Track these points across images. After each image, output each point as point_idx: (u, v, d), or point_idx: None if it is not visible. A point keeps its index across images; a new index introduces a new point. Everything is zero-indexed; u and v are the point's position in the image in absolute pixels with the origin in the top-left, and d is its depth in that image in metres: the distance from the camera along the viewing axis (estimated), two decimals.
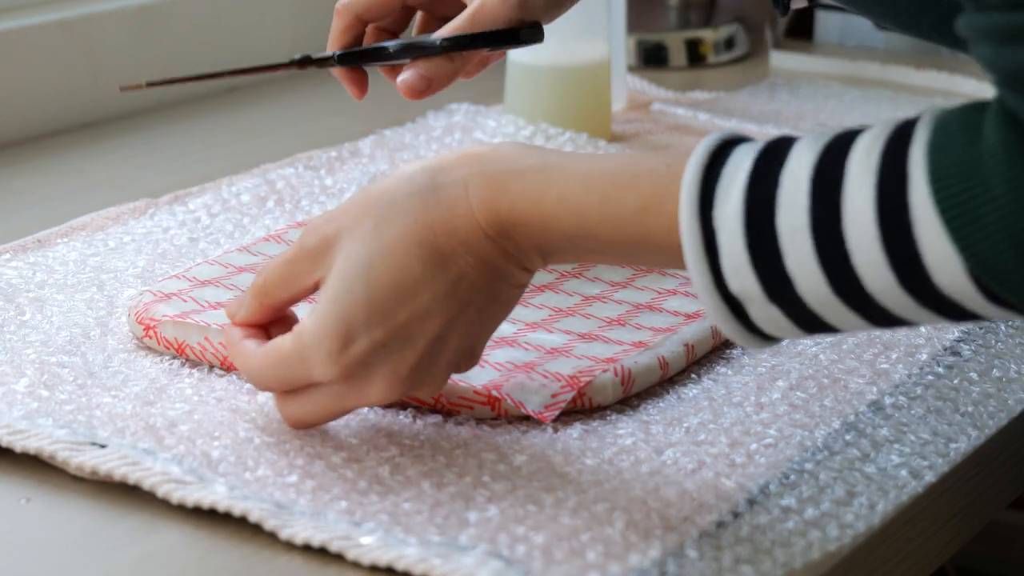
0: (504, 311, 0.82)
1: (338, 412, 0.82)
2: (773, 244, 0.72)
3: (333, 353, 0.79)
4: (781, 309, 0.73)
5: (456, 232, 0.79)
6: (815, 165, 0.72)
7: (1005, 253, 0.68)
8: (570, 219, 0.77)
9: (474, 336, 0.81)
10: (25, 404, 0.85)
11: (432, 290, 0.79)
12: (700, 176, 0.74)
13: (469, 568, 0.71)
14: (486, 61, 1.01)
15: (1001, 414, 0.87)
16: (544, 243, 0.78)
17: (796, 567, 0.73)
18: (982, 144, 0.69)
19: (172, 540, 0.76)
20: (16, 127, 1.35)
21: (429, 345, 0.79)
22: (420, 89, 0.96)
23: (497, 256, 0.79)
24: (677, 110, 1.42)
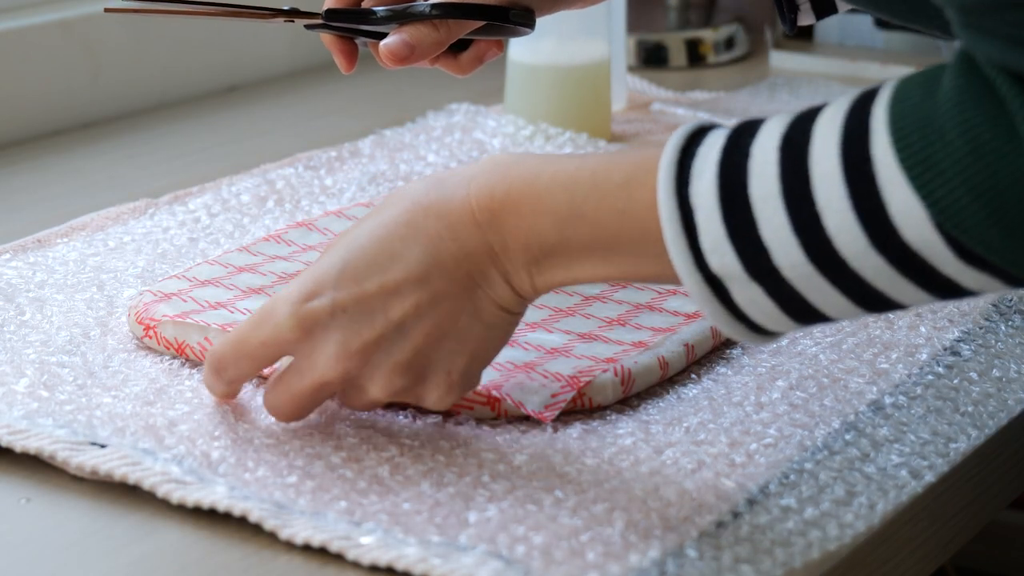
0: (484, 335, 0.80)
1: (296, 384, 0.80)
2: (747, 214, 0.72)
3: (295, 303, 0.79)
4: (762, 286, 0.73)
5: (446, 216, 0.78)
6: (783, 134, 0.73)
7: (964, 199, 0.68)
8: (561, 196, 0.77)
9: (447, 350, 0.79)
10: (25, 404, 0.85)
11: (405, 269, 0.78)
12: (676, 156, 0.75)
13: (469, 568, 0.71)
14: (481, 57, 1.01)
15: (1001, 414, 0.87)
16: (532, 236, 0.77)
17: (796, 567, 0.73)
18: (939, 93, 0.69)
19: (172, 540, 0.76)
20: (16, 127, 1.35)
21: (388, 328, 0.78)
22: (402, 55, 0.95)
23: (480, 252, 0.78)
24: (677, 110, 1.42)
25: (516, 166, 0.79)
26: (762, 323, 0.75)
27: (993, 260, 0.70)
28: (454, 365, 0.80)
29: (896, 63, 1.56)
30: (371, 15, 0.96)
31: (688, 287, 0.74)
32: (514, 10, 0.97)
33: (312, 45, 1.59)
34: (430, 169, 1.26)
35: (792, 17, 1.00)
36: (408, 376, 0.80)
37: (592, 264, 0.78)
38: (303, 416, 0.83)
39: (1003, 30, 0.68)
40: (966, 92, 0.69)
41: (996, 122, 0.68)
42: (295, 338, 0.79)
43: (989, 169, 0.68)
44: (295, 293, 0.79)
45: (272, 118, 1.45)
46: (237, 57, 1.53)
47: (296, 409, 0.82)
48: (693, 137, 0.76)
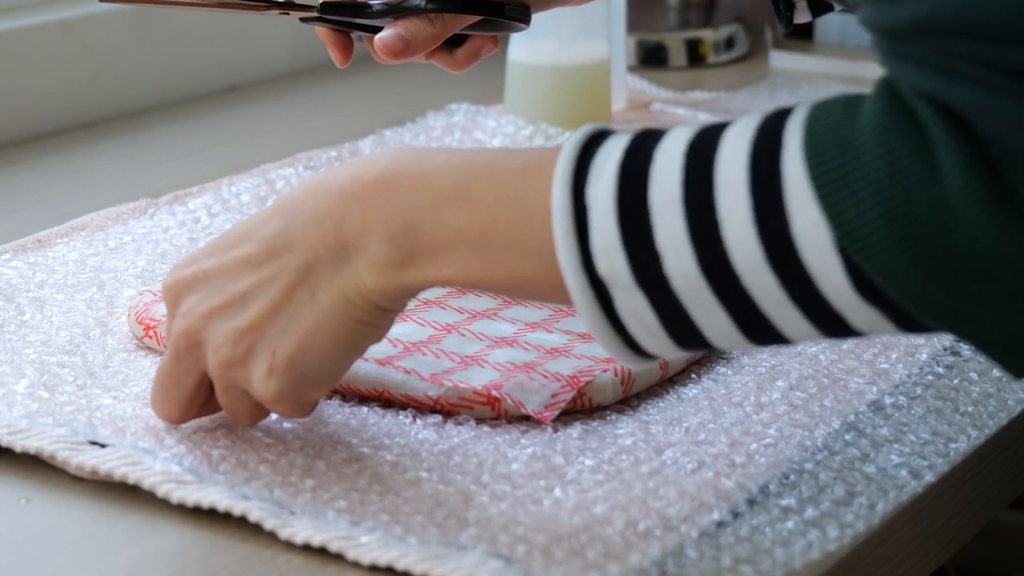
0: (318, 320, 0.76)
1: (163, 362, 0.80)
2: (644, 218, 0.71)
3: (174, 268, 0.80)
4: (647, 296, 0.71)
5: (318, 186, 0.76)
6: (691, 140, 0.71)
7: (875, 222, 0.67)
8: (451, 174, 0.74)
9: (278, 327, 0.76)
10: (25, 404, 0.85)
11: (260, 238, 0.77)
12: (576, 154, 0.72)
13: (469, 568, 0.71)
14: (477, 53, 1.00)
15: (1001, 414, 0.87)
16: (400, 211, 0.74)
17: (796, 567, 0.73)
18: (860, 115, 0.68)
19: (172, 540, 0.76)
20: (16, 127, 1.35)
21: (234, 297, 0.77)
22: (397, 49, 0.95)
23: (332, 224, 0.75)
24: (677, 110, 1.42)
25: (410, 149, 0.77)
26: (641, 339, 0.73)
27: (892, 291, 0.68)
28: (279, 345, 0.76)
29: None
30: (366, 8, 0.96)
31: (571, 289, 0.72)
32: (509, 5, 0.97)
33: (312, 45, 1.59)
34: None
35: (788, 15, 1.00)
36: (237, 348, 0.77)
37: (459, 256, 0.74)
38: (174, 407, 0.81)
39: (929, 58, 0.67)
40: (888, 116, 0.67)
41: (916, 148, 0.67)
42: (171, 299, 0.80)
43: (905, 195, 0.66)
44: (181, 261, 0.80)
45: (272, 118, 1.45)
46: (237, 57, 1.53)
47: (162, 391, 0.81)
48: (596, 137, 0.73)
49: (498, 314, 0.95)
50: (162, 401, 0.81)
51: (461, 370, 0.87)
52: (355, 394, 0.87)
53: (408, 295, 0.76)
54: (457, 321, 0.93)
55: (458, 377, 0.86)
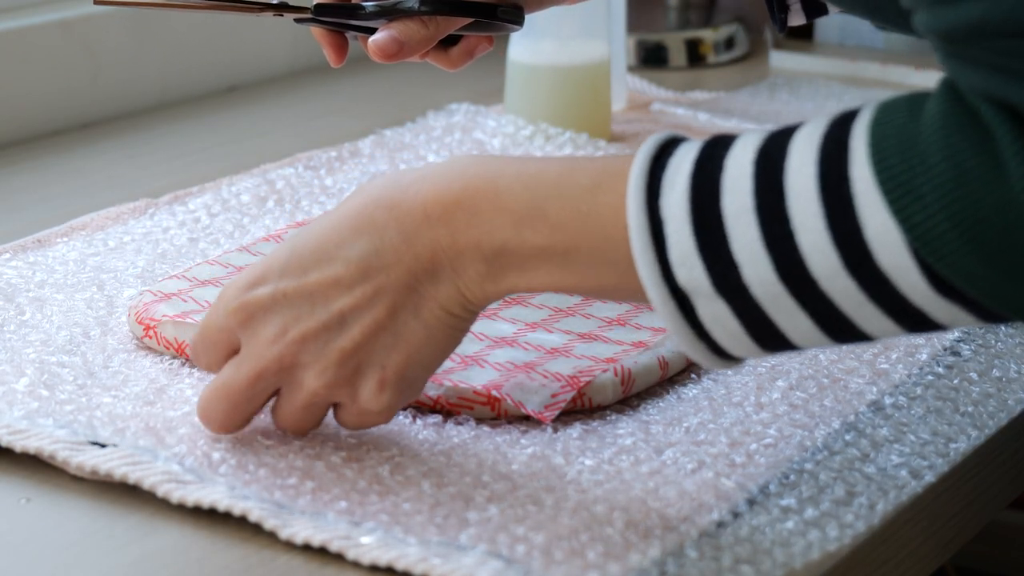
0: (424, 335, 0.78)
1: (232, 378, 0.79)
2: (719, 229, 0.71)
3: (240, 288, 0.79)
4: (728, 303, 0.72)
5: (396, 206, 0.77)
6: (759, 148, 0.72)
7: (943, 225, 0.67)
8: (523, 194, 0.75)
9: (383, 344, 0.78)
10: (25, 404, 0.85)
11: (347, 259, 0.77)
12: (647, 166, 0.73)
13: (469, 568, 0.71)
14: (471, 52, 1.00)
15: (1001, 414, 0.87)
16: (486, 234, 0.76)
17: (796, 567, 0.73)
18: (923, 117, 0.69)
19: (172, 540, 0.76)
20: (16, 127, 1.35)
21: (329, 319, 0.77)
22: (391, 52, 0.95)
23: (425, 248, 0.76)
24: (677, 110, 1.42)
25: (476, 164, 0.77)
26: (725, 345, 0.73)
27: (967, 290, 0.68)
28: (389, 361, 0.78)
29: (896, 63, 1.56)
30: (359, 10, 0.96)
31: (653, 300, 0.73)
32: (502, 7, 0.97)
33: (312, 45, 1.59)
34: None
35: (783, 17, 1.00)
36: (344, 368, 0.78)
37: (548, 270, 0.76)
38: (236, 421, 0.81)
39: (987, 59, 0.67)
40: (951, 118, 0.68)
41: (981, 150, 0.67)
42: (238, 322, 0.79)
43: (971, 197, 0.67)
44: (242, 281, 0.79)
45: (272, 118, 1.45)
46: (237, 57, 1.53)
47: (230, 407, 0.80)
48: (664, 147, 0.74)
49: (498, 314, 0.95)
50: (228, 415, 0.80)
51: (461, 370, 0.87)
52: None
53: (503, 296, 0.78)
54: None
55: (458, 377, 0.86)
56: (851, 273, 0.70)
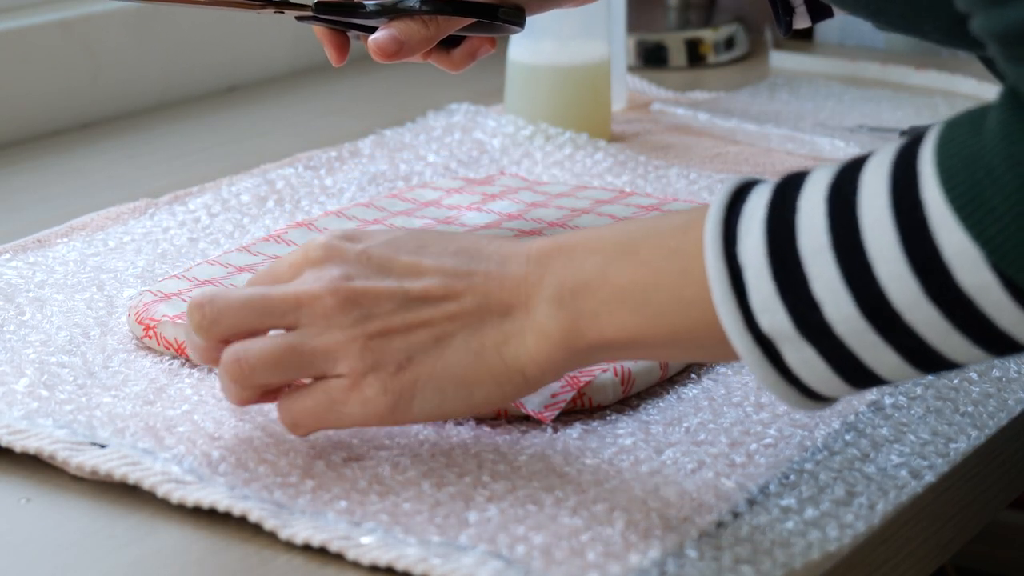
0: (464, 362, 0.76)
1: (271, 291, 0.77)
2: (797, 270, 0.71)
3: (333, 236, 0.79)
4: (813, 345, 0.71)
5: (505, 247, 0.78)
6: (830, 183, 0.71)
7: (1017, 235, 0.66)
8: (621, 236, 0.75)
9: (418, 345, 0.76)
10: (25, 404, 0.85)
11: (442, 262, 0.77)
12: (722, 215, 0.73)
13: (469, 568, 0.71)
14: (474, 53, 1.00)
15: (1001, 414, 0.87)
16: (570, 272, 0.75)
17: (796, 567, 0.73)
18: (985, 130, 0.68)
19: (172, 540, 0.76)
20: (16, 127, 1.35)
21: (392, 293, 0.77)
22: (391, 51, 0.94)
23: (514, 281, 0.76)
24: (677, 110, 1.42)
25: (590, 227, 0.78)
26: (816, 387, 0.73)
27: None
28: (414, 360, 0.76)
29: (896, 63, 1.56)
30: (361, 8, 0.96)
31: (739, 349, 0.72)
32: (504, 8, 0.97)
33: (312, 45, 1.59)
34: (430, 169, 1.26)
35: (788, 19, 1.00)
36: (374, 341, 0.76)
37: (622, 315, 0.74)
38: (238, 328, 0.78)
39: None
40: (1012, 125, 0.67)
41: None
42: (316, 258, 0.78)
43: None
44: (341, 232, 0.79)
45: (272, 118, 1.45)
46: (237, 57, 1.53)
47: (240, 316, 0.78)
48: (738, 194, 0.73)
49: None
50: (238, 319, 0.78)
51: None
52: None
53: (561, 369, 0.77)
54: None
55: None
56: (933, 300, 0.69)
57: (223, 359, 0.79)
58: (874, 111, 1.43)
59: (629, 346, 0.76)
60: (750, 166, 1.28)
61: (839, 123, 1.39)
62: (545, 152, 1.29)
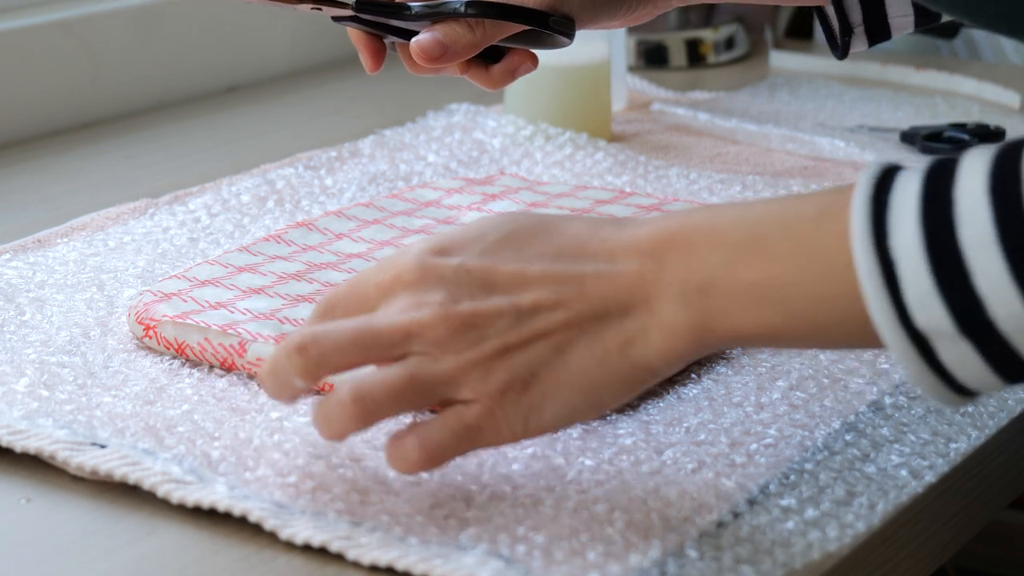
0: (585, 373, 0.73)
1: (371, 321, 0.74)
2: (958, 265, 0.67)
3: (424, 252, 0.74)
4: (973, 343, 0.68)
5: (610, 239, 0.74)
6: (989, 173, 0.68)
7: None
8: (743, 227, 0.72)
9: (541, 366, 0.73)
10: (25, 404, 0.85)
11: (547, 266, 0.73)
12: (869, 207, 0.69)
13: (469, 568, 0.71)
14: (514, 71, 0.97)
15: (1001, 414, 0.87)
16: (695, 269, 0.72)
17: (796, 567, 0.73)
18: None
19: (172, 540, 0.76)
20: (16, 127, 1.35)
21: (503, 310, 0.73)
22: (435, 54, 0.91)
23: (628, 279, 0.72)
24: (677, 110, 1.42)
25: (696, 208, 0.74)
26: (968, 383, 0.70)
27: None
28: (535, 374, 0.73)
29: (896, 63, 1.56)
30: (405, 10, 0.93)
31: (891, 346, 0.70)
32: (554, 16, 0.94)
33: (312, 45, 1.59)
34: (430, 169, 1.26)
35: (846, 41, 0.97)
36: (491, 363, 0.73)
37: (756, 312, 0.71)
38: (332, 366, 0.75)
39: None
40: None
41: None
42: (411, 280, 0.74)
43: None
44: (427, 245, 0.75)
45: (272, 118, 1.45)
46: (237, 57, 1.53)
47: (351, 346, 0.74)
48: (881, 183, 0.70)
49: None
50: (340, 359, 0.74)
51: None
52: None
53: (689, 359, 0.74)
54: None
55: None
56: None
57: (341, 400, 0.74)
58: (874, 111, 1.43)
59: (764, 339, 0.73)
60: (750, 166, 1.28)
61: (839, 123, 1.39)
62: (545, 152, 1.29)
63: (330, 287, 0.97)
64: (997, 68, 1.59)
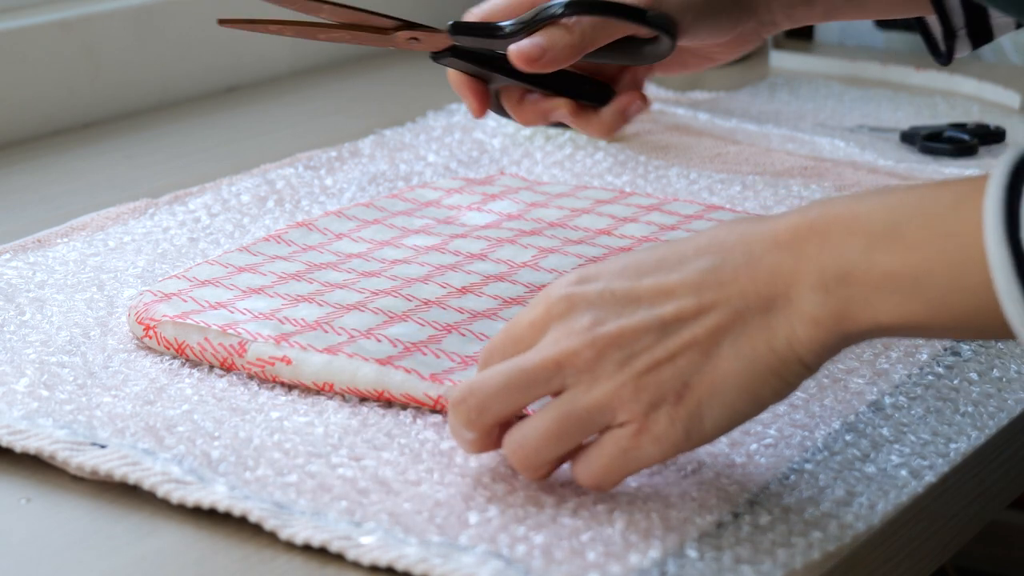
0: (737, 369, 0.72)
1: (525, 358, 0.74)
2: None
3: (570, 284, 0.75)
4: None
5: (748, 232, 0.73)
6: None
7: None
8: (881, 214, 0.70)
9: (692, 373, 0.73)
10: (25, 404, 0.85)
11: (685, 272, 0.73)
12: (1003, 196, 0.67)
13: (469, 568, 0.71)
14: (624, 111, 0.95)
15: (1001, 414, 0.87)
16: (832, 257, 0.70)
17: (796, 567, 0.73)
18: None
19: (172, 540, 0.76)
20: (16, 127, 1.35)
21: (651, 323, 0.73)
22: (534, 56, 0.91)
23: (766, 271, 0.72)
24: (677, 110, 1.42)
25: (838, 198, 0.72)
26: None
27: None
28: (691, 382, 0.73)
29: (896, 63, 1.56)
30: (499, 31, 0.94)
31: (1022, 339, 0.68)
32: (653, 12, 0.94)
33: (312, 45, 1.59)
34: (430, 169, 1.26)
35: (950, 45, 0.97)
36: (644, 380, 0.73)
37: (896, 300, 0.70)
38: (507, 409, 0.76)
39: None
40: None
41: None
42: (559, 312, 0.74)
43: None
44: (573, 276, 0.76)
45: (272, 118, 1.45)
46: (237, 57, 1.53)
47: (505, 392, 0.75)
48: (1018, 172, 0.68)
49: (498, 314, 0.95)
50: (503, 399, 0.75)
51: (461, 370, 0.87)
52: (355, 394, 0.87)
53: (836, 350, 0.73)
54: (457, 321, 0.93)
55: (458, 377, 0.86)
56: None
57: (506, 454, 0.76)
58: (874, 111, 1.43)
59: (909, 330, 0.71)
60: (750, 166, 1.28)
61: (839, 123, 1.39)
62: (545, 152, 1.29)
63: (330, 287, 0.97)
64: (997, 68, 1.59)
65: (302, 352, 0.88)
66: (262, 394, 0.87)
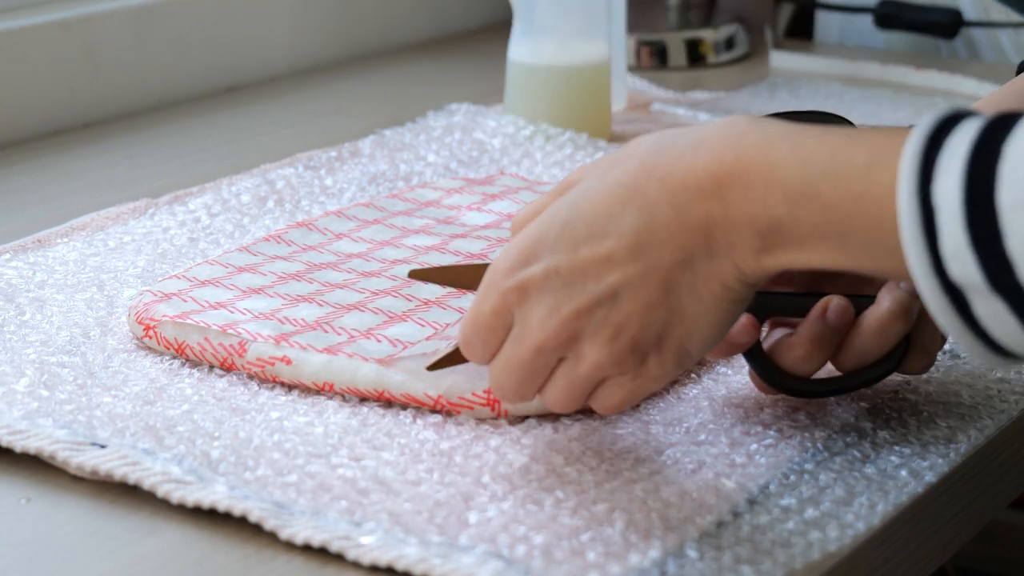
0: (700, 309, 0.75)
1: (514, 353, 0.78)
2: (992, 223, 0.65)
3: (513, 269, 0.78)
4: (1005, 301, 0.66)
5: (668, 179, 0.74)
6: None
7: None
8: (797, 170, 0.71)
9: (660, 320, 0.76)
10: (25, 404, 0.85)
11: (618, 235, 0.75)
12: (923, 146, 0.67)
13: (469, 568, 0.71)
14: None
15: (1001, 414, 0.87)
16: (759, 209, 0.72)
17: (796, 567, 0.73)
18: None
19: (172, 540, 0.76)
20: (16, 127, 1.35)
21: (602, 295, 0.76)
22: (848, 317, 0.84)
23: (698, 222, 0.73)
24: (677, 110, 1.42)
25: (751, 133, 0.73)
26: (1006, 343, 0.68)
27: None
28: (666, 333, 0.76)
29: (896, 63, 1.56)
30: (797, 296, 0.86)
31: (923, 293, 0.68)
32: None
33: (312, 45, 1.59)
34: (430, 169, 1.26)
35: None
36: (620, 341, 0.76)
37: (824, 249, 0.71)
38: (526, 392, 0.80)
39: None
40: None
41: None
42: (515, 301, 0.78)
43: None
44: (513, 256, 0.78)
45: (272, 118, 1.45)
46: (237, 57, 1.53)
47: (517, 381, 0.79)
48: (946, 124, 0.68)
49: None
50: (517, 389, 0.79)
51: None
52: (355, 394, 0.87)
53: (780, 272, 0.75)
54: (457, 321, 0.93)
55: (461, 377, 0.86)
56: None
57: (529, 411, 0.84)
58: (874, 111, 1.43)
59: (842, 270, 0.73)
60: None
61: None
62: (545, 152, 1.29)
63: (330, 287, 0.97)
64: (997, 68, 1.59)
65: (302, 352, 0.88)
66: (262, 394, 0.87)
